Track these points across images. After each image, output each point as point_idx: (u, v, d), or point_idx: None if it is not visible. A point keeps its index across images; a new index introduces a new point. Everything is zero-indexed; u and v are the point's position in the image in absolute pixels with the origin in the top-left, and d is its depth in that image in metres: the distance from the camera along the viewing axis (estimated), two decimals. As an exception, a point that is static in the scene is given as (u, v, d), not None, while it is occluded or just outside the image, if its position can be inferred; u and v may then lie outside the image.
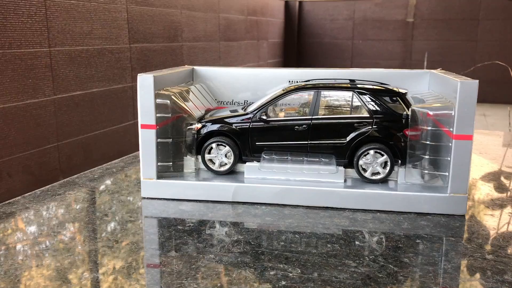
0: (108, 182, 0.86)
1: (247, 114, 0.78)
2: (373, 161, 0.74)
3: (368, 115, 0.74)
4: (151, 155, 0.74)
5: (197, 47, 2.77)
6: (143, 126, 0.74)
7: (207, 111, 0.83)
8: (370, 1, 4.43)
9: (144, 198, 0.75)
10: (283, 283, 0.51)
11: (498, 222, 0.69)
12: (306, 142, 0.75)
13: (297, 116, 0.77)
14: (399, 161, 0.74)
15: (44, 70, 1.67)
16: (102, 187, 0.83)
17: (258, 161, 0.77)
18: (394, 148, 0.74)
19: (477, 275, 0.53)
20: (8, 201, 0.74)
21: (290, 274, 0.53)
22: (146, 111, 0.73)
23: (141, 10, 2.18)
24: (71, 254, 0.57)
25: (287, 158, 0.76)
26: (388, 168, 0.74)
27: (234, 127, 0.77)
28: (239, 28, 3.43)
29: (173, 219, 0.68)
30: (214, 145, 0.77)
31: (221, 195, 0.74)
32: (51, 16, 1.70)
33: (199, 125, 0.78)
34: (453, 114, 0.67)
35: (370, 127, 0.74)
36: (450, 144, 0.67)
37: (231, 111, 0.81)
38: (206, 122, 0.78)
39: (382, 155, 0.74)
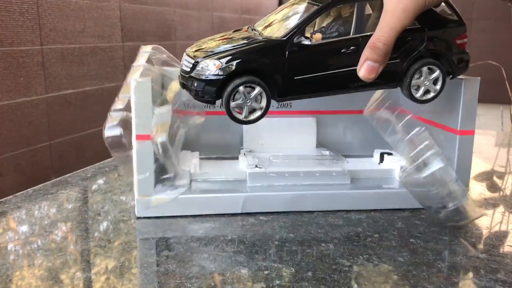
0: (101, 181, 0.85)
1: (278, 41, 0.61)
2: (425, 79, 0.65)
3: (419, 26, 0.64)
4: (148, 170, 0.66)
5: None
6: (139, 137, 0.65)
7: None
8: (363, 1, 4.44)
9: (140, 218, 0.67)
10: (277, 282, 0.51)
11: (491, 221, 0.69)
12: (354, 67, 0.61)
13: (342, 36, 0.62)
14: (451, 75, 0.67)
15: (36, 68, 1.66)
16: (94, 186, 0.82)
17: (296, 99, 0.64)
18: (447, 62, 0.66)
19: (470, 274, 0.54)
20: (0, 200, 0.74)
21: (284, 274, 0.52)
22: (142, 120, 0.64)
23: (134, 8, 2.17)
24: (63, 253, 0.57)
25: (294, 161, 0.72)
26: (439, 84, 0.66)
27: (265, 60, 0.61)
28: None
29: (167, 217, 0.67)
30: (241, 88, 0.60)
31: (230, 208, 0.68)
32: (43, 13, 1.69)
33: (218, 63, 0.60)
34: None
35: (423, 40, 0.64)
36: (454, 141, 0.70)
37: (246, 39, 0.63)
38: (220, 57, 0.61)
39: (434, 71, 0.65)
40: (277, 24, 0.65)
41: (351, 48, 0.61)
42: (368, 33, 0.61)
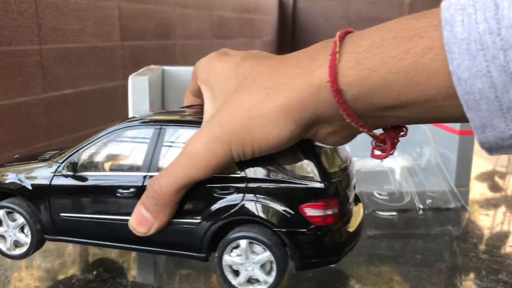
0: (100, 181, 0.84)
1: (51, 164, 0.49)
2: (246, 259, 0.42)
3: (239, 174, 0.42)
4: None
5: (190, 45, 2.76)
6: None
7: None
8: (364, 0, 4.44)
9: None
10: (277, 284, 0.50)
11: (492, 222, 0.68)
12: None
13: (123, 172, 0.46)
14: (298, 261, 0.42)
15: (35, 68, 1.66)
16: (93, 187, 0.82)
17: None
18: (290, 240, 0.42)
19: (472, 275, 0.53)
20: (-2, 201, 0.73)
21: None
22: None
23: (133, 7, 2.17)
24: (61, 255, 0.57)
25: None
26: (273, 274, 0.42)
27: (26, 184, 0.49)
28: (233, 26, 3.43)
29: (166, 219, 0.67)
30: (2, 213, 0.50)
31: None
32: (42, 13, 1.68)
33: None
34: None
35: (242, 195, 0.42)
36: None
37: (36, 158, 0.53)
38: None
39: (264, 250, 0.42)
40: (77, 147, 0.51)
41: (131, 189, 0.45)
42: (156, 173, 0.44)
